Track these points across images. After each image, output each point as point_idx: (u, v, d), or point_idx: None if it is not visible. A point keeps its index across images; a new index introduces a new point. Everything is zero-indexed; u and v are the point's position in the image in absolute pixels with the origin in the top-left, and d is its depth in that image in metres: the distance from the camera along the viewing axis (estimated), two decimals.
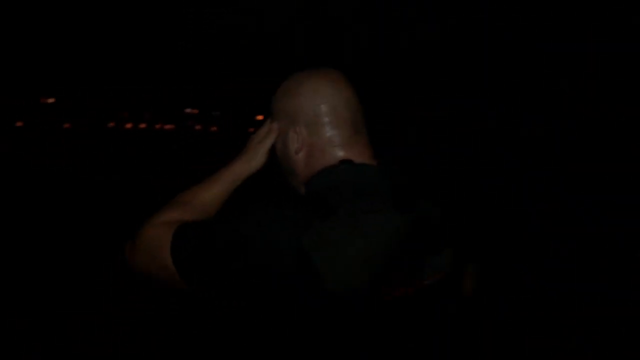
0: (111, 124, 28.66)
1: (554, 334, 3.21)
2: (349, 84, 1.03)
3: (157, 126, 32.79)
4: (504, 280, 3.64)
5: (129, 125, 31.27)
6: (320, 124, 0.99)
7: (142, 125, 32.17)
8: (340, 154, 0.98)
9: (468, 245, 1.05)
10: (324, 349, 0.87)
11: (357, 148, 0.99)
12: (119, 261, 3.03)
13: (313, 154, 1.00)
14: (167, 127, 33.12)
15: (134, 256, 1.00)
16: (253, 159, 1.11)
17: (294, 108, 1.02)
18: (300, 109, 1.01)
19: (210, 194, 1.08)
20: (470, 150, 7.97)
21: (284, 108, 1.04)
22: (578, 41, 8.42)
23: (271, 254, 0.83)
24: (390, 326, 0.88)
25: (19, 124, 21.12)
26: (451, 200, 0.99)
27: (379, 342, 0.88)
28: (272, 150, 1.11)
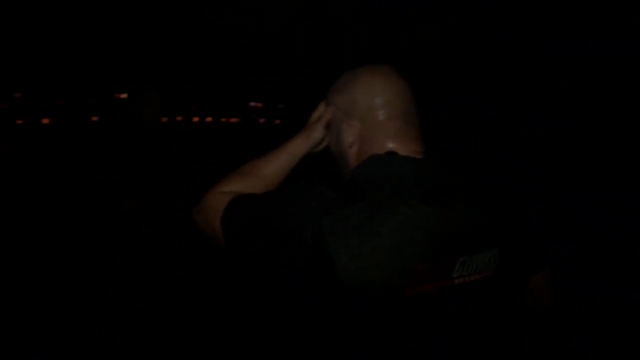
0: (179, 118, 29.09)
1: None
2: (401, 77, 1.05)
3: (223, 119, 33.28)
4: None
5: (196, 119, 31.73)
6: (373, 117, 1.02)
7: (209, 119, 32.65)
8: (390, 145, 1.00)
9: (524, 249, 1.02)
10: (331, 340, 0.88)
11: (405, 140, 1.01)
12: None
13: (364, 146, 1.03)
14: (233, 120, 33.58)
15: (197, 218, 1.09)
16: (311, 135, 1.14)
17: (349, 102, 1.05)
18: (355, 103, 1.04)
19: (271, 167, 1.14)
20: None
21: (339, 102, 1.08)
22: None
23: (297, 237, 0.85)
24: (406, 322, 0.88)
25: (94, 118, 21.95)
26: (503, 201, 0.98)
27: (385, 336, 0.88)
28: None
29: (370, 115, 1.02)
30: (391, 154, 0.97)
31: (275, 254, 0.88)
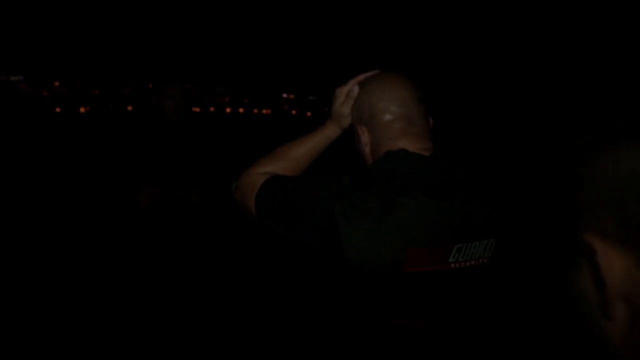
0: (212, 109, 29.54)
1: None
2: (403, 82, 1.16)
3: (255, 110, 33.45)
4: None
5: (228, 110, 32.07)
6: (376, 122, 1.15)
7: (241, 110, 32.92)
8: (398, 144, 1.10)
9: (523, 241, 1.07)
10: (337, 304, 1.04)
11: (409, 139, 1.10)
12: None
13: (375, 147, 1.15)
14: (265, 111, 33.68)
15: (235, 195, 1.24)
16: (342, 123, 1.27)
17: (357, 110, 1.20)
18: (361, 111, 1.18)
19: (303, 150, 1.27)
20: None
21: (353, 109, 1.22)
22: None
23: (313, 217, 1.01)
24: (404, 296, 1.00)
25: (129, 108, 22.71)
26: (505, 195, 1.07)
27: (384, 306, 1.00)
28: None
29: (373, 121, 1.14)
30: (403, 150, 1.07)
31: (296, 230, 1.04)
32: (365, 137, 1.17)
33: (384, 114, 1.13)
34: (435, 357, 1.02)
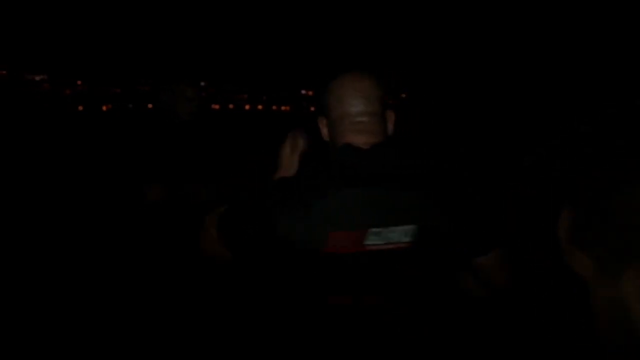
0: (231, 106, 29.70)
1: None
2: (357, 82, 1.26)
3: (274, 107, 33.48)
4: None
5: (247, 107, 32.18)
6: (330, 119, 1.26)
7: (260, 107, 33.00)
8: (344, 139, 1.20)
9: (456, 231, 1.14)
10: (277, 286, 1.19)
11: (354, 134, 1.20)
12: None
13: (332, 138, 1.25)
14: (284, 108, 33.68)
15: (202, 250, 1.34)
16: (289, 172, 1.38)
17: (321, 104, 1.32)
18: (322, 105, 1.31)
19: None
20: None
21: (319, 102, 1.35)
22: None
23: (260, 217, 1.14)
24: (328, 275, 1.14)
25: (149, 106, 23.14)
26: (438, 188, 1.16)
27: (310, 283, 1.15)
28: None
29: (328, 118, 1.27)
30: (346, 145, 1.18)
31: (254, 239, 1.16)
32: (325, 131, 1.29)
33: (334, 111, 1.24)
34: (362, 330, 1.16)
